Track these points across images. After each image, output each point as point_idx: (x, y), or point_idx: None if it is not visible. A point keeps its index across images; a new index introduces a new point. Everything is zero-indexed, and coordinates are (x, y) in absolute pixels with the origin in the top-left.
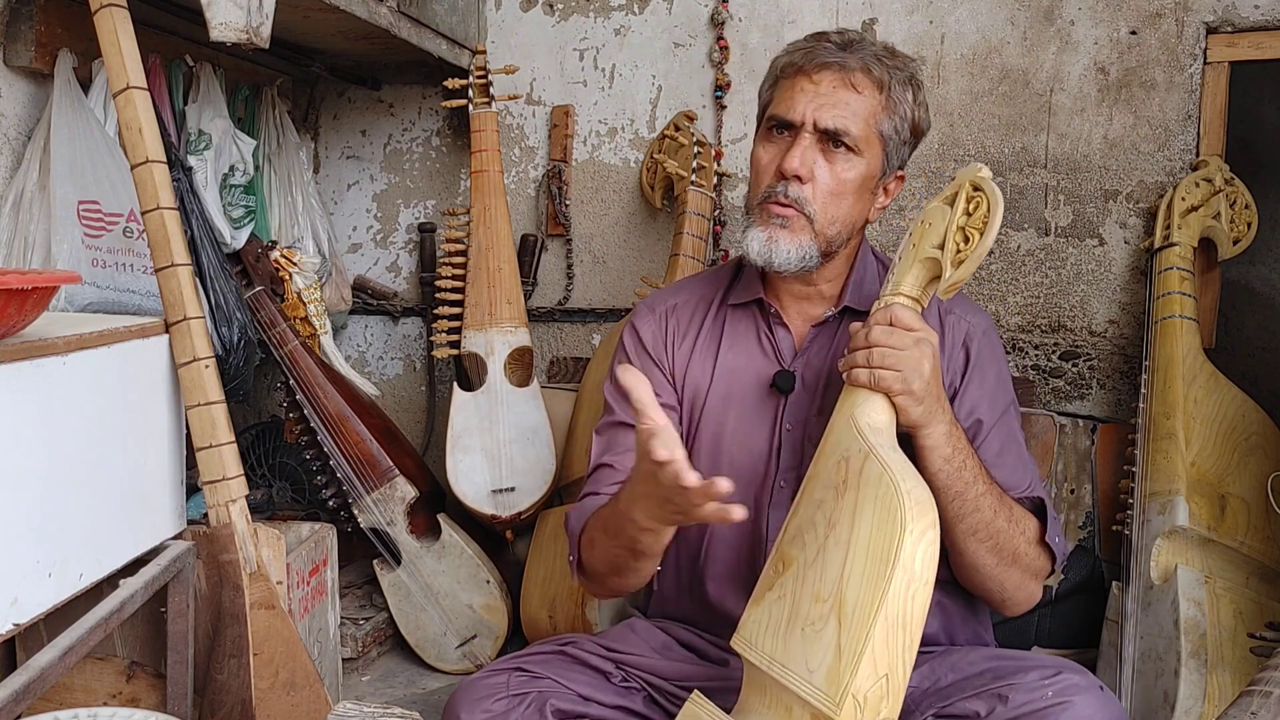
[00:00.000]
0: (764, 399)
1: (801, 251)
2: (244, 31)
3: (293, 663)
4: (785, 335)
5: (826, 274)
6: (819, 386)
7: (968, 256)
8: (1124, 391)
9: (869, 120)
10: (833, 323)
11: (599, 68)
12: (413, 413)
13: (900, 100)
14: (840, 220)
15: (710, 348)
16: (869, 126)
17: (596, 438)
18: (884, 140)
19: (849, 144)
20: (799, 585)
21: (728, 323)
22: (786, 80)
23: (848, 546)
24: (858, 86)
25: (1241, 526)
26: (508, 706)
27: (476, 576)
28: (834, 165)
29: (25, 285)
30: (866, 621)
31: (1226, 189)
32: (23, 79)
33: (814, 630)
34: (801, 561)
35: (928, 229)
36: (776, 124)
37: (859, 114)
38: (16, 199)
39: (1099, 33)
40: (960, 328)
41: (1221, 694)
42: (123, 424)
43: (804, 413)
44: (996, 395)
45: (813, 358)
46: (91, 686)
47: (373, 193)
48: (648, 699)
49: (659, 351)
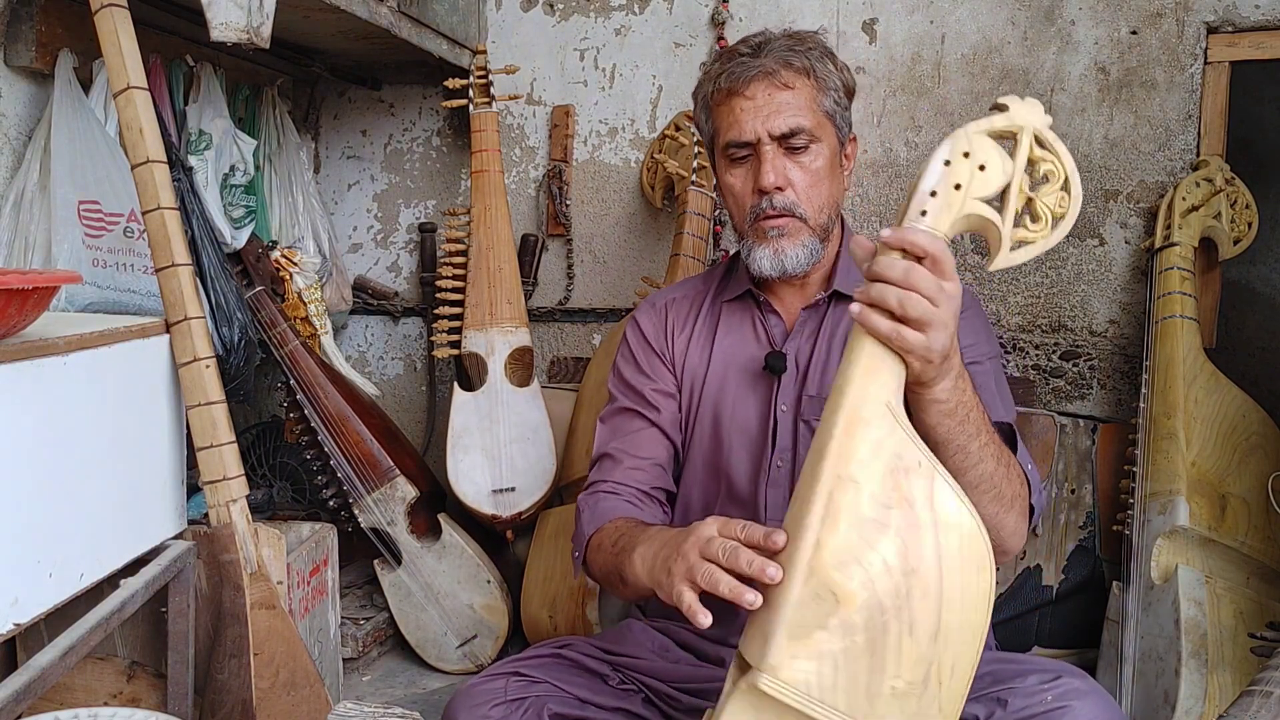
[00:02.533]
0: (757, 381)
1: (807, 250)
2: (244, 32)
3: (293, 663)
4: (777, 321)
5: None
6: (809, 368)
7: (1036, 241)
8: (1124, 391)
9: (812, 107)
10: (821, 305)
11: (599, 68)
12: (413, 413)
13: (827, 75)
14: (826, 205)
15: (707, 336)
16: (815, 113)
17: (601, 425)
18: (830, 117)
19: (806, 138)
20: (880, 636)
21: (723, 314)
22: (722, 106)
23: (939, 600)
24: (788, 84)
25: (1242, 526)
26: (505, 712)
27: (477, 576)
28: (801, 162)
29: (26, 285)
30: (965, 678)
31: (1227, 189)
32: (23, 79)
33: (912, 692)
34: (873, 605)
35: (977, 172)
36: (734, 147)
37: (802, 106)
38: (17, 199)
39: (1099, 33)
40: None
41: (1222, 694)
42: (123, 424)
43: (796, 392)
44: (989, 336)
45: (804, 341)
46: (92, 686)
47: (373, 193)
48: (646, 700)
49: (660, 342)
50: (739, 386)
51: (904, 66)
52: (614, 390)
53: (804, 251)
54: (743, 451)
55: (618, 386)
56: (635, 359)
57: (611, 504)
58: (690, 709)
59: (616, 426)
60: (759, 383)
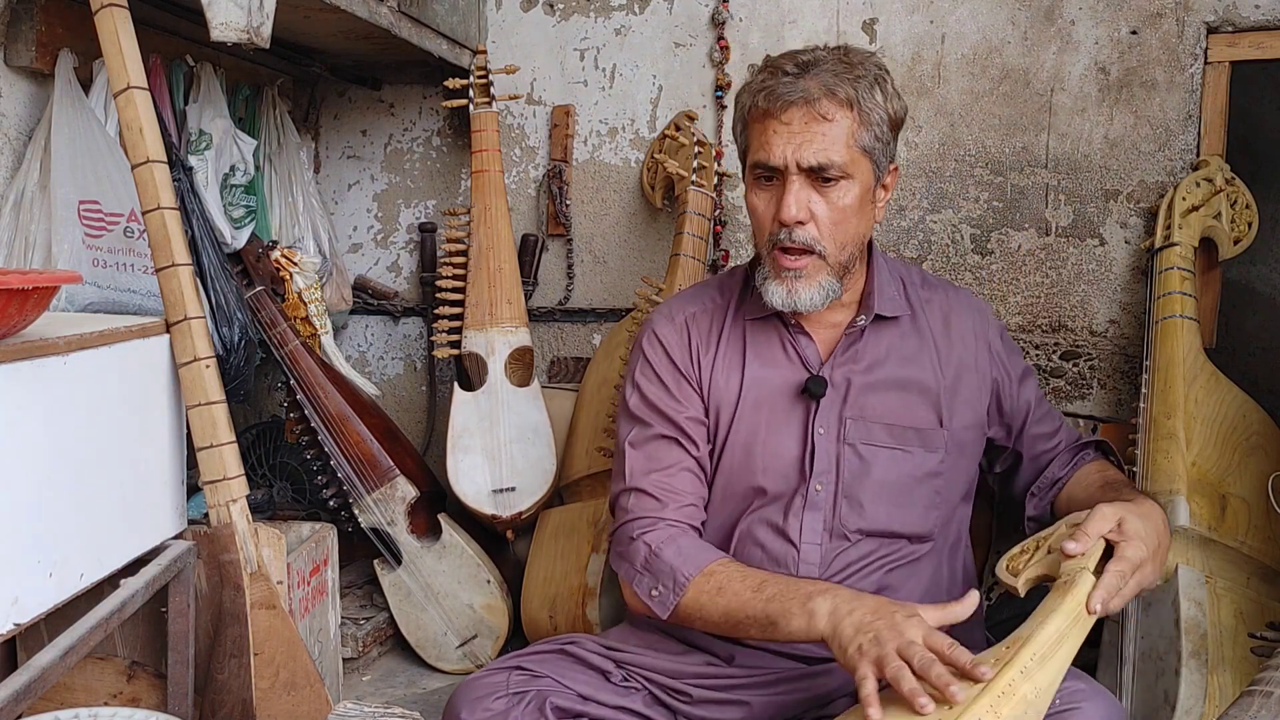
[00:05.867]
0: (793, 405)
1: (823, 291)
2: (244, 31)
3: (293, 663)
4: (809, 343)
5: (845, 284)
6: (850, 391)
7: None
8: (1125, 391)
9: (848, 143)
10: (857, 328)
11: (599, 68)
12: (413, 413)
13: (872, 108)
14: (850, 242)
15: (735, 359)
16: (850, 149)
17: (631, 450)
18: (868, 153)
19: (837, 173)
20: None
21: (748, 334)
22: (757, 124)
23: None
24: (827, 115)
25: (1242, 526)
26: (508, 705)
27: (477, 576)
28: (828, 197)
29: (26, 285)
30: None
31: (1227, 189)
32: (23, 79)
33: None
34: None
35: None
36: (762, 169)
37: (837, 141)
38: (17, 199)
39: (1099, 32)
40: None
41: (1222, 694)
42: (123, 424)
43: (836, 414)
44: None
45: (843, 363)
46: (92, 686)
47: (373, 192)
48: (648, 699)
49: (686, 363)
50: (773, 411)
51: (904, 66)
52: (642, 413)
53: (819, 294)
54: (779, 476)
55: (646, 410)
56: (662, 380)
57: (696, 543)
58: (695, 707)
59: (653, 455)
60: (795, 406)
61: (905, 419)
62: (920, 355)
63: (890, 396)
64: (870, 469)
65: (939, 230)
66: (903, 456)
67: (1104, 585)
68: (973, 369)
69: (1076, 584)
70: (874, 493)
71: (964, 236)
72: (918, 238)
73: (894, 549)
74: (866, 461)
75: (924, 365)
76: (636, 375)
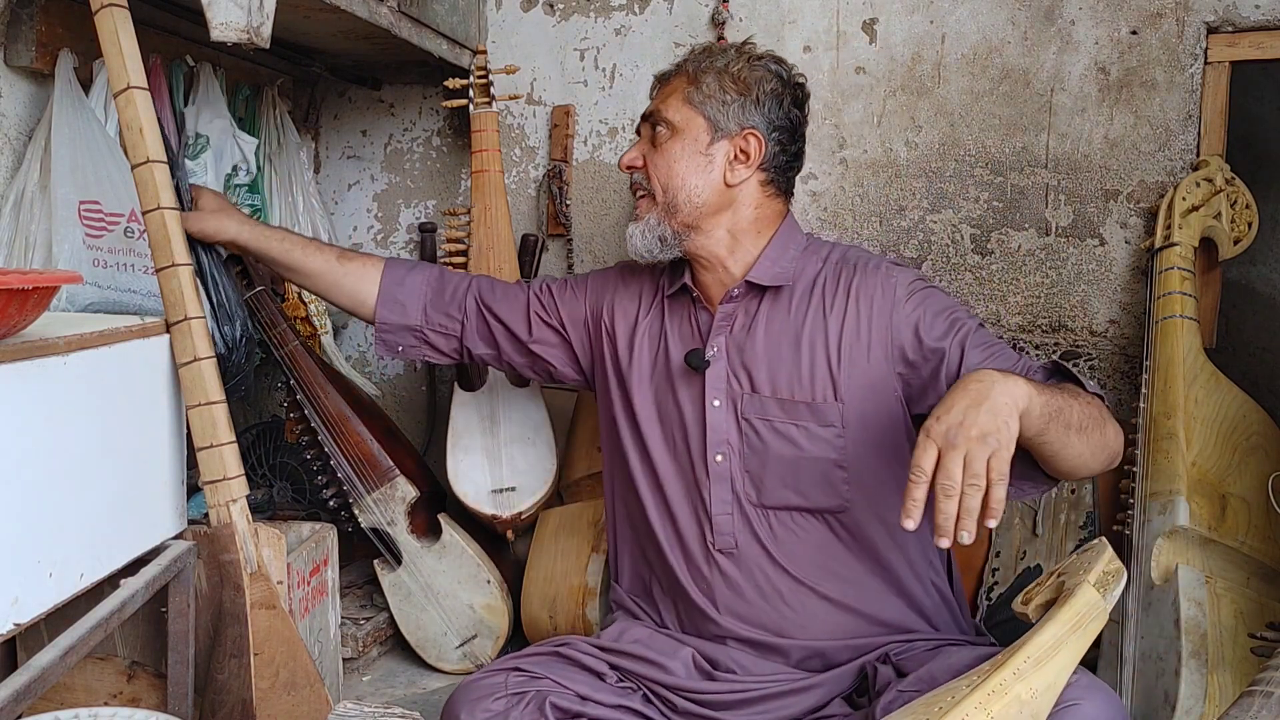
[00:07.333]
0: (689, 377)
1: (651, 232)
2: (244, 31)
3: (293, 663)
4: (706, 317)
5: (737, 256)
6: (741, 363)
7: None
8: (1124, 391)
9: (676, 96)
10: (742, 297)
11: (599, 68)
12: (413, 413)
13: (705, 70)
14: (677, 187)
15: (656, 331)
16: (677, 100)
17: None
18: (697, 106)
19: (663, 123)
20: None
21: (667, 310)
22: None
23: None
24: (668, 79)
25: (1242, 526)
26: (507, 705)
27: (477, 576)
28: (656, 143)
29: (26, 285)
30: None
31: (1227, 189)
32: (23, 79)
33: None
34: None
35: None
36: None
37: (667, 96)
38: (17, 199)
39: (1099, 33)
40: (883, 291)
41: (1222, 694)
42: (123, 424)
43: (725, 387)
44: (959, 304)
45: (729, 334)
46: (92, 686)
47: (373, 192)
48: (645, 698)
49: (597, 294)
50: (674, 383)
51: (904, 66)
52: (550, 278)
53: (646, 233)
54: (684, 445)
55: (555, 278)
56: (583, 279)
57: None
58: (689, 708)
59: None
60: (690, 379)
61: (797, 394)
62: (813, 328)
63: (778, 370)
64: (768, 445)
65: (939, 230)
66: (797, 431)
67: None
68: (876, 341)
69: (1075, 594)
70: (773, 468)
71: (964, 236)
72: (918, 238)
73: (808, 521)
74: (763, 437)
75: (815, 338)
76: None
